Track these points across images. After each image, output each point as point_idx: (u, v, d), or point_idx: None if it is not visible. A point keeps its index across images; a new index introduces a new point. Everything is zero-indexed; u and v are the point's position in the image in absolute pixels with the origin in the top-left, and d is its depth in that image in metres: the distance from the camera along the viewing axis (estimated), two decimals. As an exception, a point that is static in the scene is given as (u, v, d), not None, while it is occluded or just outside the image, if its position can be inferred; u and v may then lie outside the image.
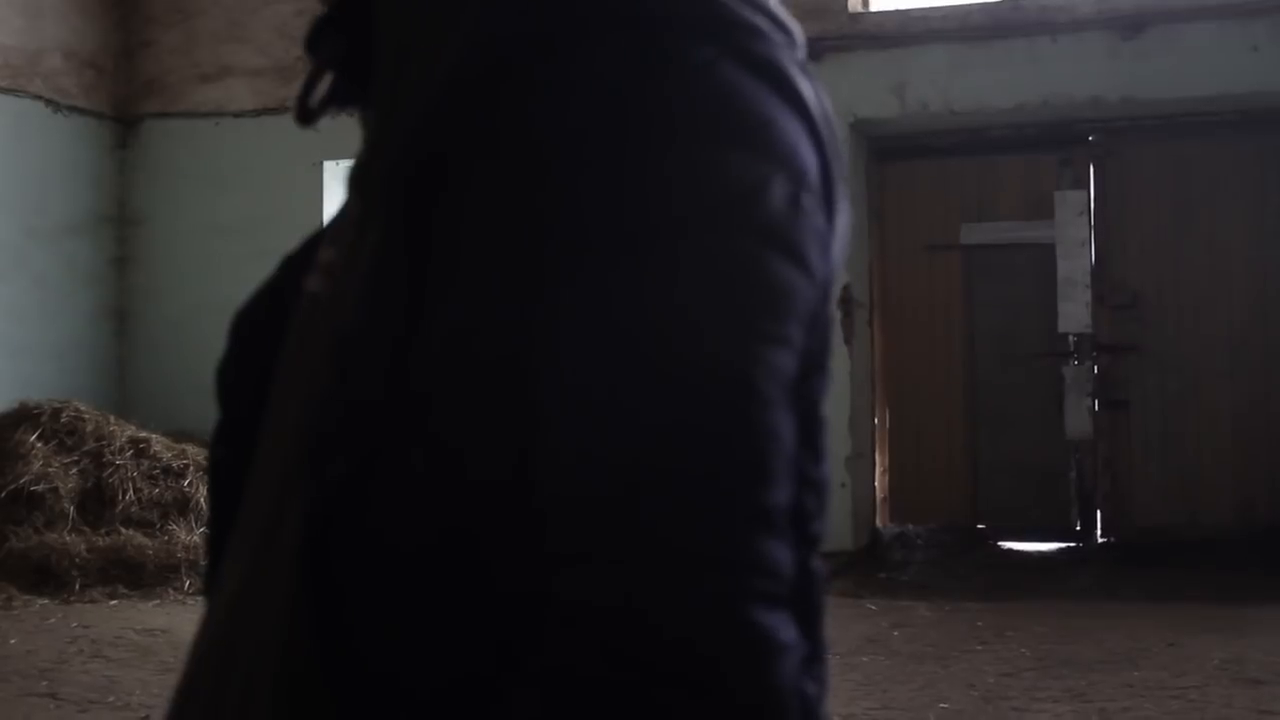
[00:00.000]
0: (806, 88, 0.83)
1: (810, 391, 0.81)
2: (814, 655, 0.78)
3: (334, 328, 0.82)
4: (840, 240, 0.85)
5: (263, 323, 1.03)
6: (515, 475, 0.76)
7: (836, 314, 0.86)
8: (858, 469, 9.76)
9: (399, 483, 0.79)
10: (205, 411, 1.03)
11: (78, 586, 8.33)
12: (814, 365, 0.81)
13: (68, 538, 8.68)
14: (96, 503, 9.06)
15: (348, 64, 0.95)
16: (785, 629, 0.74)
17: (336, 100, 0.96)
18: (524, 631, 0.75)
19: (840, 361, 9.57)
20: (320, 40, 0.96)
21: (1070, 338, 9.99)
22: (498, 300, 0.77)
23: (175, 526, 8.96)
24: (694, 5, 0.81)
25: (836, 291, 0.87)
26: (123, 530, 8.86)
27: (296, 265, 1.03)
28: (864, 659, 6.52)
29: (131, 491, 9.10)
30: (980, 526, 10.12)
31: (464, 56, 0.82)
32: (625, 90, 0.78)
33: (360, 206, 0.89)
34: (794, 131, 0.81)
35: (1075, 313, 9.92)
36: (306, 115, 0.96)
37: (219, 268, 10.56)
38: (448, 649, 0.78)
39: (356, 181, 0.92)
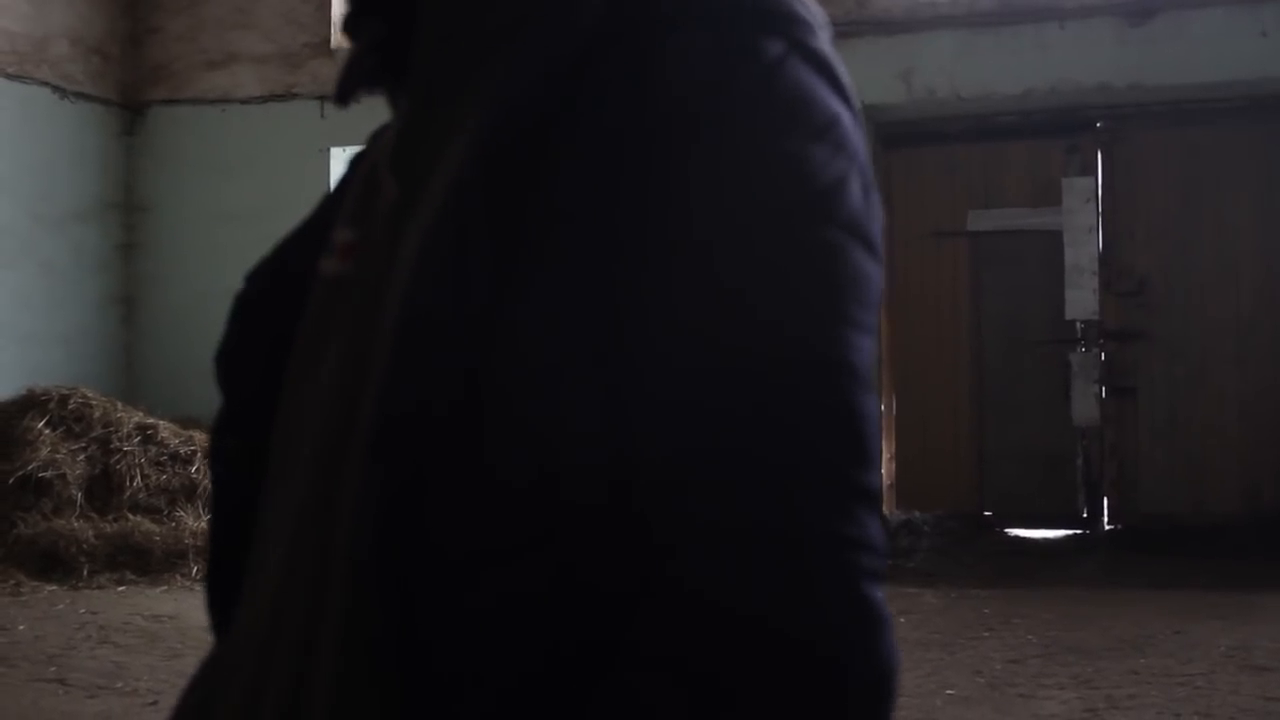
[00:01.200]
0: (849, 80, 0.85)
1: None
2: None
3: (404, 310, 0.80)
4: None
5: (262, 308, 1.02)
6: (615, 461, 0.77)
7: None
8: (864, 456, 9.75)
9: (476, 471, 0.78)
10: (212, 398, 1.02)
11: (85, 573, 8.35)
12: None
13: (75, 524, 8.70)
14: (104, 489, 9.08)
15: (384, 46, 0.94)
16: (885, 602, 0.78)
17: (371, 82, 0.96)
18: (623, 622, 0.76)
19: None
20: (358, 22, 0.95)
21: (1077, 324, 9.98)
22: (588, 290, 0.78)
23: (183, 513, 8.97)
24: (755, 0, 0.83)
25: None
26: (130, 516, 8.87)
27: (297, 249, 1.02)
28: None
29: (139, 478, 9.11)
30: (987, 513, 10.12)
31: (547, 49, 0.82)
32: (710, 84, 0.80)
33: (398, 189, 0.89)
34: (852, 126, 0.84)
35: (1082, 299, 9.91)
36: (345, 95, 0.96)
37: (226, 254, 10.55)
38: (524, 645, 0.78)
39: (393, 164, 0.91)
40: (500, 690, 0.78)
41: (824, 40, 0.85)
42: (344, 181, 1.03)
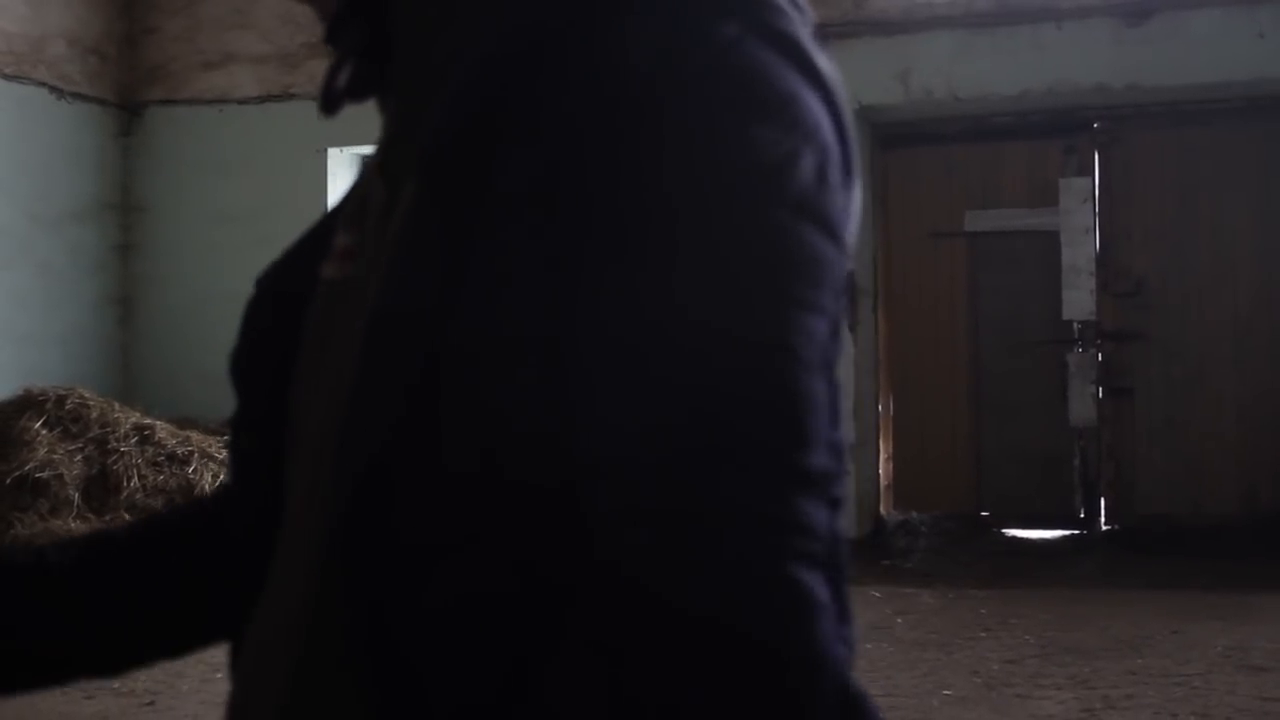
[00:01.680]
0: (824, 63, 0.84)
1: (831, 356, 0.83)
2: (842, 618, 0.79)
3: (367, 310, 0.82)
4: (854, 214, 0.87)
5: (272, 311, 1.03)
6: (555, 447, 0.77)
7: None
8: (862, 456, 9.76)
9: (432, 465, 0.79)
10: (209, 398, 1.02)
11: (83, 573, 8.33)
12: (834, 330, 0.83)
13: (72, 524, 8.69)
14: (101, 489, 9.07)
15: (368, 52, 0.95)
16: (821, 588, 0.76)
17: (357, 88, 0.96)
18: (564, 606, 0.76)
19: (844, 349, 9.56)
20: (341, 29, 0.96)
21: (1074, 325, 9.99)
22: (534, 277, 0.78)
23: (180, 513, 8.96)
24: None
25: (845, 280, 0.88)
26: (127, 517, 8.86)
27: (305, 253, 1.03)
28: (868, 646, 6.53)
29: (136, 478, 9.11)
30: (984, 514, 10.13)
31: (497, 42, 0.83)
32: (655, 70, 0.79)
33: (385, 191, 0.90)
34: (816, 107, 0.83)
35: (1080, 300, 9.92)
36: (331, 104, 0.96)
37: (223, 255, 10.57)
38: (485, 638, 0.78)
39: (381, 166, 0.92)
40: (469, 686, 0.78)
41: (791, 21, 0.85)
42: (352, 185, 1.05)
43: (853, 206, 0.86)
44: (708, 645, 0.73)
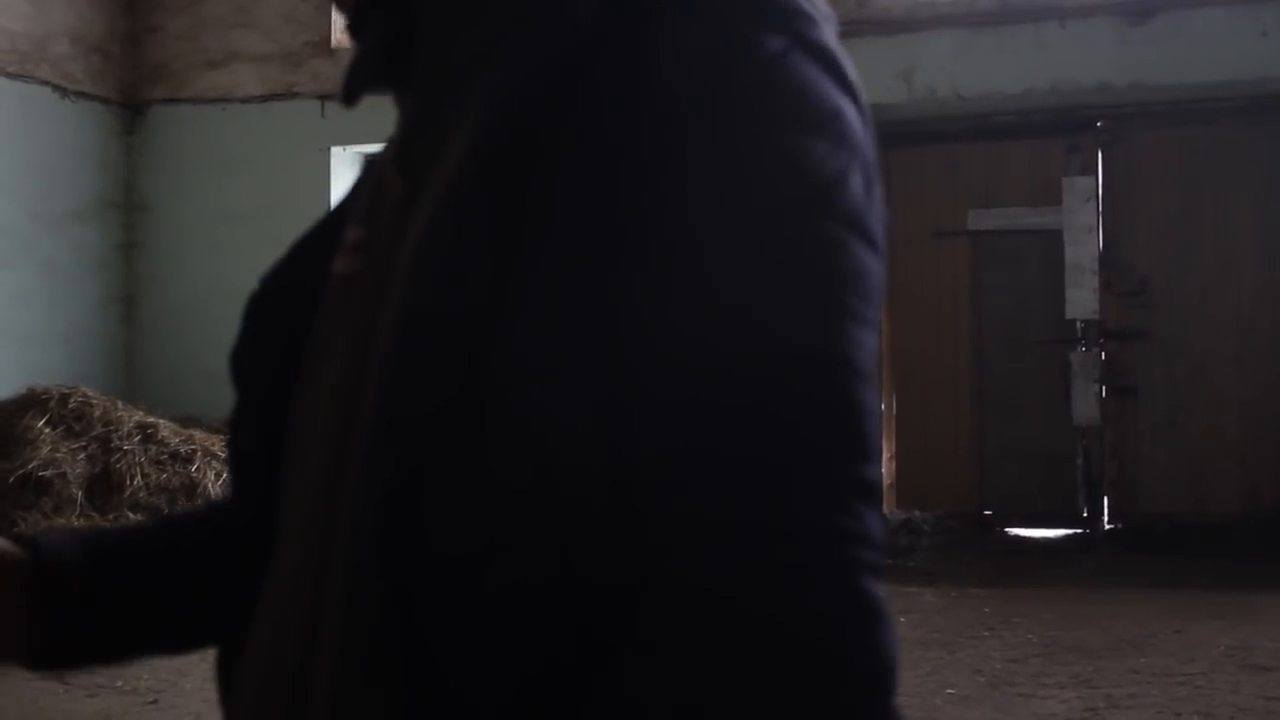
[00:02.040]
0: (855, 74, 0.85)
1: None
2: None
3: (403, 309, 0.81)
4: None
5: (276, 308, 1.02)
6: (607, 457, 0.76)
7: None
8: (864, 455, 9.75)
9: (475, 468, 0.78)
10: (213, 397, 1.03)
11: (86, 572, 8.34)
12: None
13: (76, 523, 8.69)
14: (104, 488, 9.08)
15: (391, 45, 0.95)
16: (885, 598, 0.77)
17: (376, 81, 0.96)
18: (613, 612, 0.76)
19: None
20: (363, 21, 0.96)
21: (1078, 324, 9.98)
22: (586, 285, 0.78)
23: (183, 512, 8.97)
24: None
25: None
26: (131, 515, 8.87)
27: (310, 249, 1.03)
28: (870, 645, 6.52)
29: (139, 477, 9.11)
30: (987, 513, 10.13)
31: (544, 45, 0.82)
32: (706, 81, 0.79)
33: (402, 187, 0.89)
34: (856, 120, 0.84)
35: (1083, 299, 9.91)
36: (351, 96, 0.96)
37: (226, 254, 10.57)
38: (525, 643, 0.78)
39: (398, 162, 0.91)
40: (503, 688, 0.78)
41: (828, 34, 0.84)
42: (358, 182, 1.04)
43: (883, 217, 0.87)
44: (779, 655, 0.73)
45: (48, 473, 8.91)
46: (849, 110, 0.83)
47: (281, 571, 0.93)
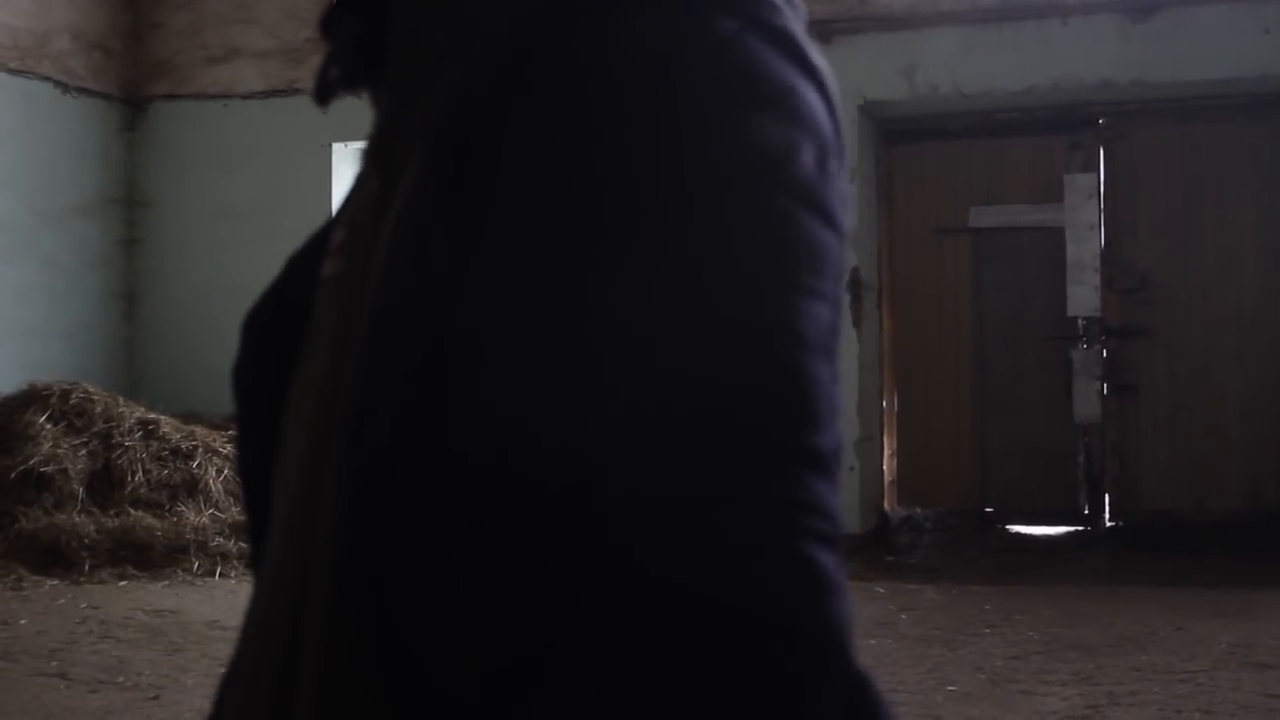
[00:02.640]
0: (818, 57, 0.86)
1: (833, 343, 0.84)
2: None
3: (371, 305, 0.83)
4: (848, 203, 0.88)
5: (274, 322, 1.03)
6: (565, 439, 0.77)
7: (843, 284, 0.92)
8: (866, 452, 9.76)
9: (437, 458, 0.79)
10: (214, 393, 1.03)
11: (87, 567, 8.35)
12: (835, 319, 0.84)
13: (77, 519, 8.70)
14: (105, 484, 9.08)
15: (362, 45, 0.96)
16: (837, 568, 0.76)
17: (350, 81, 0.97)
18: (573, 597, 0.76)
19: (849, 344, 9.56)
20: (335, 21, 0.96)
21: (1079, 321, 9.98)
22: (540, 268, 0.79)
23: (184, 508, 8.97)
24: None
25: (845, 270, 0.89)
26: (132, 511, 8.88)
27: (304, 261, 1.04)
28: (872, 642, 6.53)
29: (140, 473, 9.12)
30: (988, 510, 10.13)
31: (498, 36, 0.83)
32: (656, 63, 0.80)
33: (378, 184, 0.90)
34: (813, 98, 0.84)
35: (1084, 296, 9.91)
36: (324, 95, 0.97)
37: (227, 249, 10.58)
38: (490, 625, 0.78)
39: (374, 159, 0.93)
40: (477, 679, 0.78)
41: (786, 17, 0.86)
42: (351, 185, 1.05)
43: (846, 196, 0.87)
44: (720, 627, 0.73)
45: (49, 468, 8.91)
46: (806, 90, 0.84)
47: (269, 572, 0.94)
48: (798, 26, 0.86)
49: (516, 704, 0.77)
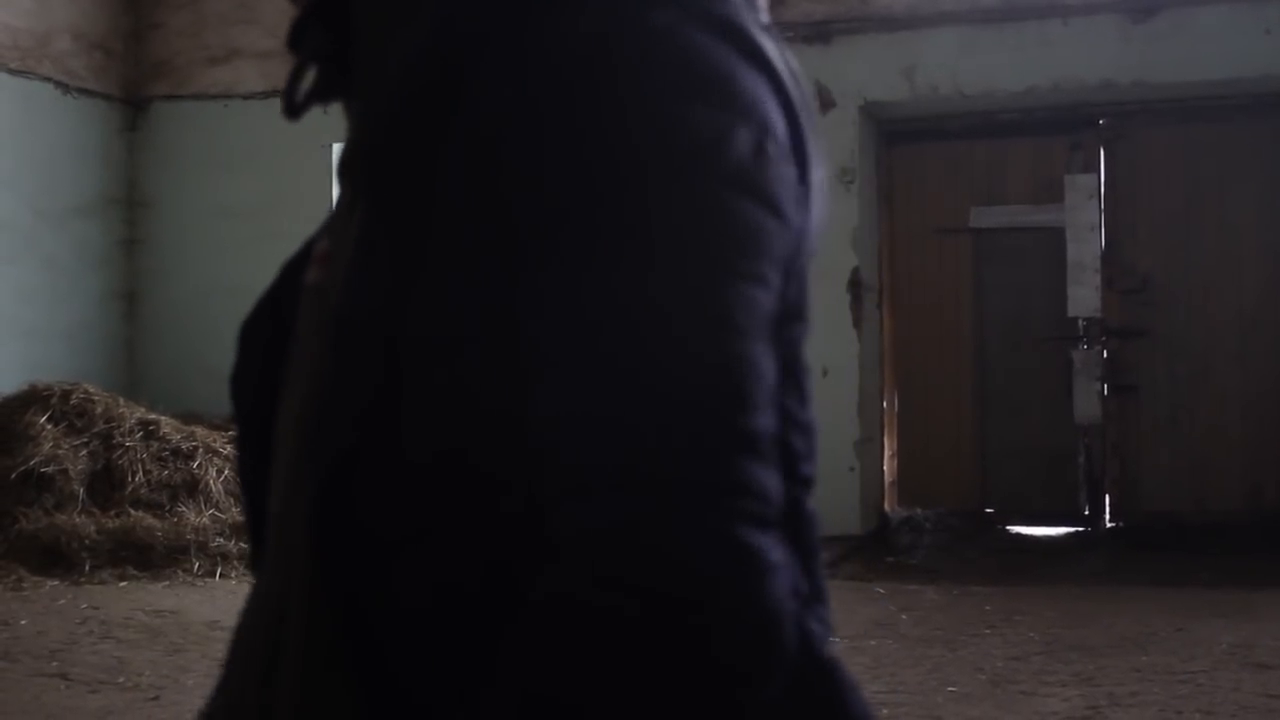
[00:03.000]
0: (769, 46, 0.85)
1: (791, 337, 0.84)
2: (815, 596, 0.80)
3: (332, 313, 0.85)
4: (819, 196, 0.87)
5: (267, 330, 1.04)
6: (511, 435, 0.78)
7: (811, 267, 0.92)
8: (866, 453, 9.75)
9: (394, 459, 0.81)
10: (214, 393, 1.05)
11: (87, 568, 8.35)
12: (793, 313, 0.84)
13: (77, 519, 8.70)
14: (106, 484, 9.08)
15: (332, 57, 0.96)
16: (775, 549, 0.76)
17: (323, 92, 0.97)
18: (523, 572, 0.77)
19: (849, 345, 9.56)
20: (303, 36, 0.97)
21: (1079, 322, 9.97)
22: (480, 268, 0.80)
23: (184, 508, 8.97)
24: None
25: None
26: (132, 512, 8.87)
27: (295, 269, 1.04)
28: (872, 643, 6.53)
29: (141, 473, 9.11)
30: (988, 510, 10.12)
31: (429, 33, 0.84)
32: (591, 55, 0.81)
33: (350, 192, 0.91)
34: (757, 86, 0.84)
35: (1085, 297, 9.90)
36: (293, 109, 0.97)
37: (228, 250, 10.57)
38: (447, 617, 0.80)
39: (343, 169, 0.94)
40: (441, 670, 0.79)
41: (731, 6, 0.85)
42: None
43: (814, 184, 0.86)
44: (658, 615, 0.73)
45: (49, 469, 8.91)
46: (747, 76, 0.84)
47: (262, 573, 0.96)
48: (746, 15, 0.86)
49: (473, 691, 0.78)
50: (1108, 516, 9.92)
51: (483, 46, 0.82)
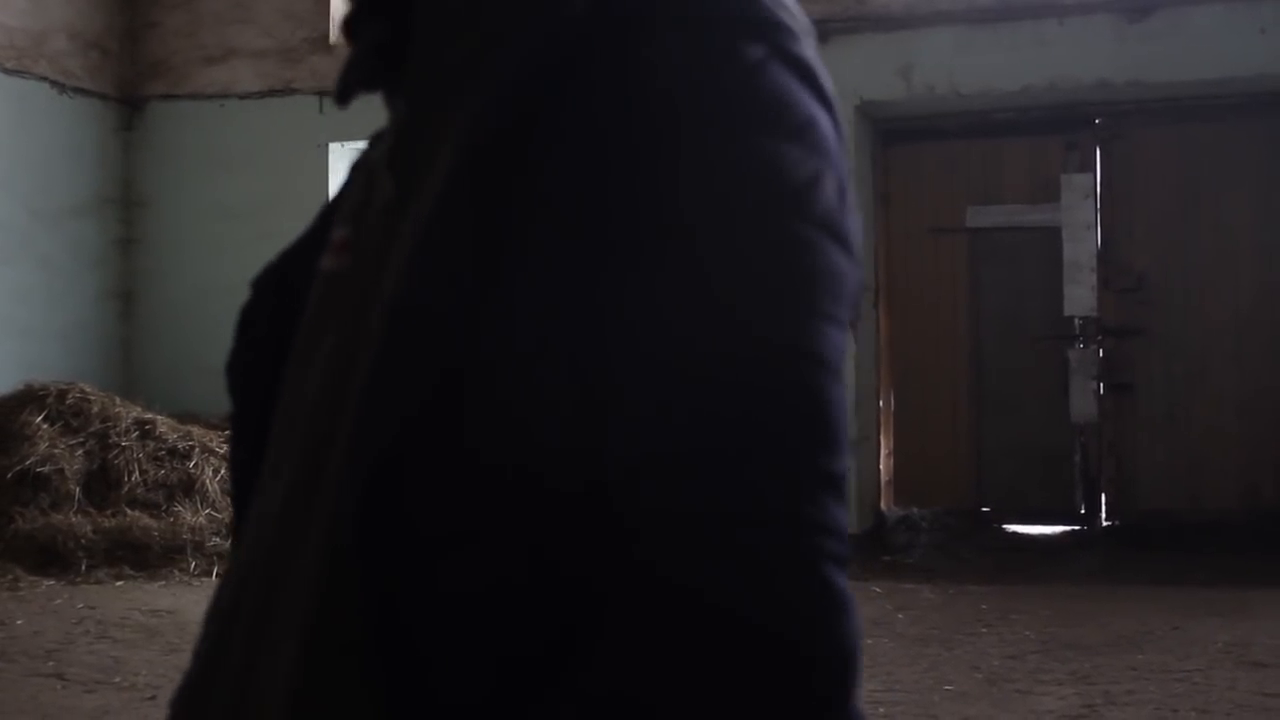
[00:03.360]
0: (830, 85, 0.87)
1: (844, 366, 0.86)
2: None
3: (394, 307, 0.83)
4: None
5: (267, 316, 1.03)
6: (583, 449, 0.79)
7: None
8: (863, 452, 9.76)
9: (452, 459, 0.80)
10: (211, 393, 1.03)
11: (84, 568, 8.35)
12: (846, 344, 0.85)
13: (74, 519, 8.70)
14: (102, 484, 9.08)
15: (383, 47, 0.96)
16: (848, 589, 0.79)
17: (370, 82, 0.97)
18: (588, 602, 0.78)
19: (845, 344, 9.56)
20: (358, 22, 0.97)
21: (1075, 321, 9.98)
22: (566, 281, 0.80)
23: (181, 508, 8.97)
24: (739, 5, 0.86)
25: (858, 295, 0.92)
26: (128, 511, 8.87)
27: (298, 255, 1.04)
28: (869, 641, 6.53)
29: (137, 473, 9.11)
30: (985, 509, 10.13)
31: (531, 51, 0.84)
32: (686, 87, 0.82)
33: (393, 187, 0.90)
34: (830, 128, 0.87)
35: (1081, 296, 9.91)
36: (345, 95, 0.97)
37: (224, 249, 10.57)
38: (500, 628, 0.80)
39: (389, 163, 0.93)
40: (477, 673, 0.79)
41: (806, 46, 0.88)
42: (345, 184, 1.06)
43: (859, 224, 0.90)
44: (741, 645, 0.75)
45: (46, 468, 8.91)
46: (823, 120, 0.86)
47: (239, 568, 0.95)
48: (814, 54, 0.88)
49: (525, 703, 0.78)
50: (1104, 515, 9.93)
51: (582, 63, 0.83)
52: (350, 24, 0.98)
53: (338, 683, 0.82)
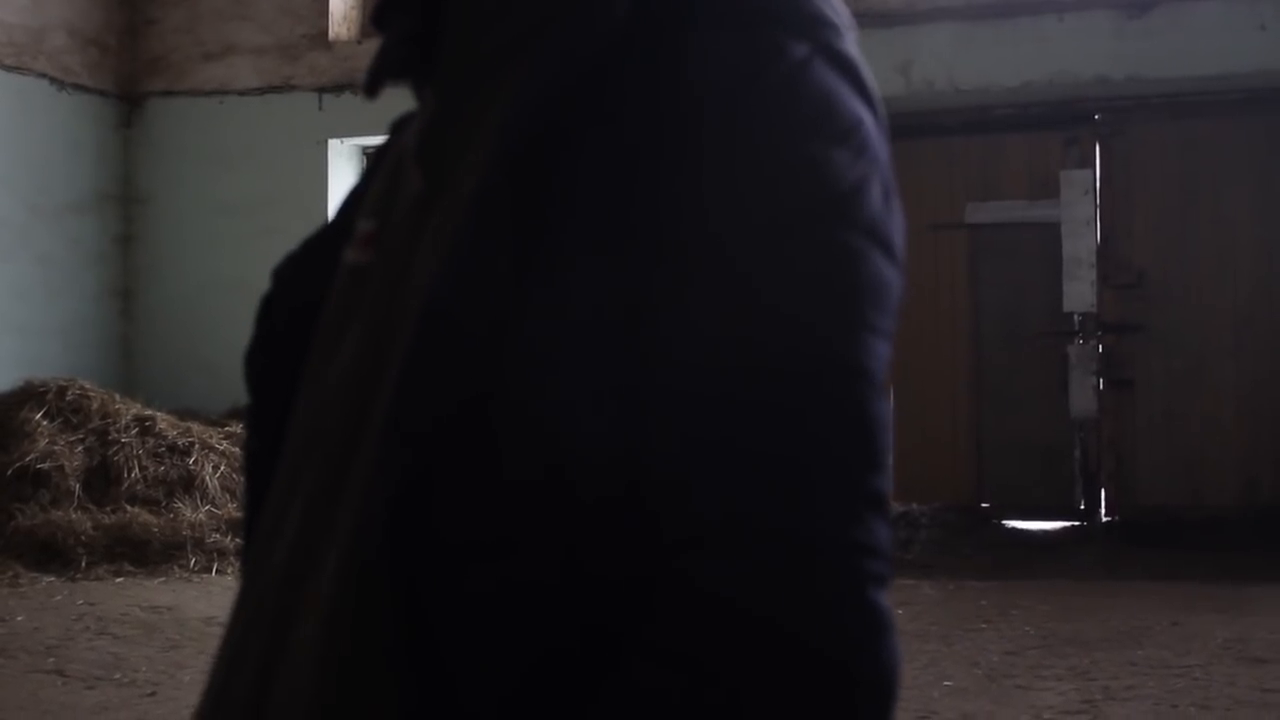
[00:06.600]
0: (873, 82, 0.85)
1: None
2: None
3: (426, 309, 0.81)
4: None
5: (289, 308, 1.02)
6: (622, 458, 0.77)
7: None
8: (862, 448, 9.75)
9: (487, 464, 0.79)
10: (210, 390, 1.02)
11: (84, 564, 8.35)
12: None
13: (74, 515, 8.70)
14: (102, 481, 9.08)
15: (416, 38, 0.95)
16: (890, 610, 0.78)
17: (398, 74, 0.96)
18: (628, 615, 0.77)
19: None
20: (388, 15, 0.96)
21: (1075, 317, 9.98)
22: (606, 285, 0.79)
23: (181, 504, 8.97)
24: (782, 1, 0.84)
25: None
26: (128, 508, 8.87)
27: (321, 247, 1.03)
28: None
29: (137, 469, 9.11)
30: (984, 505, 10.13)
31: (571, 47, 0.82)
32: (732, 85, 0.80)
33: (422, 180, 0.89)
34: (875, 130, 0.84)
35: (1080, 292, 9.91)
36: (374, 86, 0.96)
37: (224, 246, 10.57)
38: (529, 634, 0.79)
39: (418, 156, 0.92)
40: (506, 678, 0.78)
41: (850, 42, 0.86)
42: (367, 175, 1.04)
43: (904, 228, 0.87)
44: (787, 662, 0.74)
45: (45, 465, 8.91)
46: (868, 119, 0.84)
47: (272, 560, 0.93)
48: (857, 50, 0.86)
49: (554, 710, 0.77)
50: (1103, 511, 9.93)
51: (628, 59, 0.81)
52: (380, 14, 0.97)
53: (363, 690, 0.81)
